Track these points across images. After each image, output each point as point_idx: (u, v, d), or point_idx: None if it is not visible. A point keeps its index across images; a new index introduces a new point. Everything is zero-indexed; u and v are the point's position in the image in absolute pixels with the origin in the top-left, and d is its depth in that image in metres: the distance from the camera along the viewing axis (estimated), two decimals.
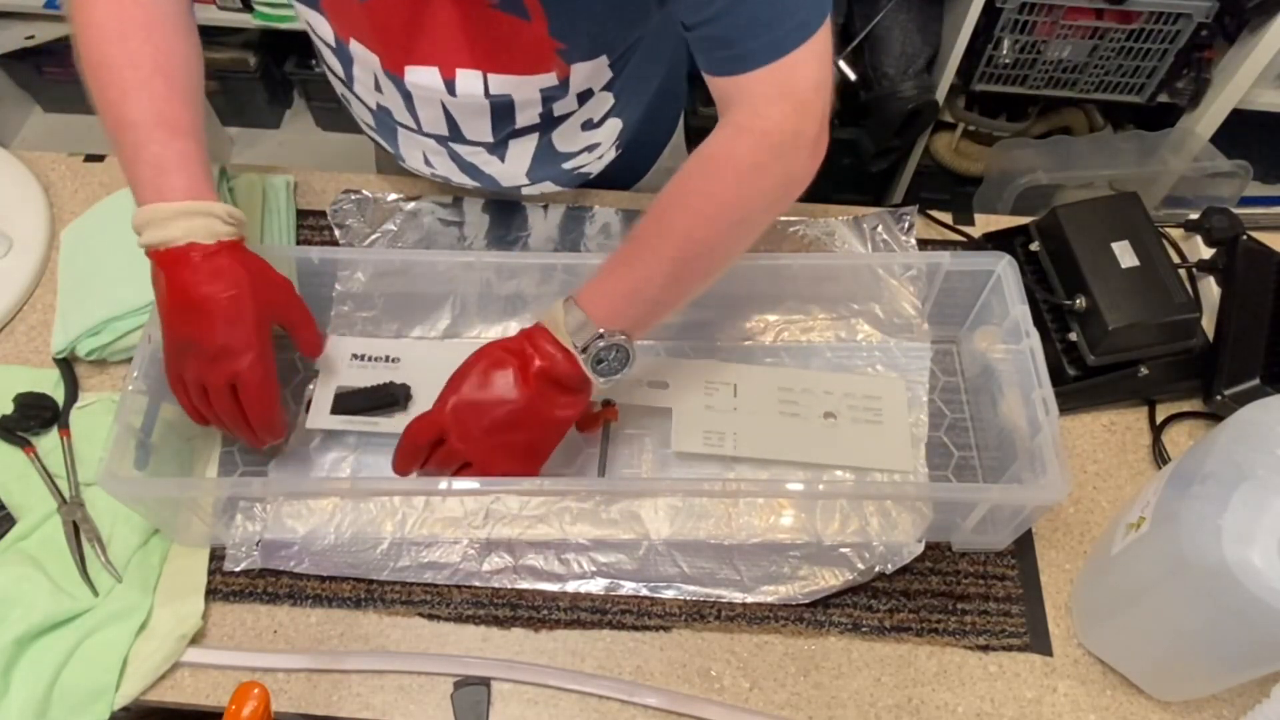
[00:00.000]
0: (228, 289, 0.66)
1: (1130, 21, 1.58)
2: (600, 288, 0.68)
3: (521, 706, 0.71)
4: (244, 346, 0.67)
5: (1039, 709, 0.71)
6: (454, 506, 0.78)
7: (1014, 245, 0.88)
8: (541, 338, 0.67)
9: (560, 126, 0.81)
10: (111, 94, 0.67)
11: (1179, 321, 0.80)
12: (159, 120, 0.67)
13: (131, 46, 0.67)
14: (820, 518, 0.77)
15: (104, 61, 0.67)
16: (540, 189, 0.90)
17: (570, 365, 0.67)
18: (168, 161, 0.66)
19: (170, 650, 0.71)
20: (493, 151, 0.82)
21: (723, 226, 0.67)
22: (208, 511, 0.75)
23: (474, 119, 0.77)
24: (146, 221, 0.66)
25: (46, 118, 2.25)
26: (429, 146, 0.83)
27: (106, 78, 0.67)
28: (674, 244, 0.67)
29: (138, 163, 0.66)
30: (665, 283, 0.67)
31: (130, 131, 0.66)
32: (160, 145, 0.66)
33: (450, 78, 0.72)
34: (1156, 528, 0.62)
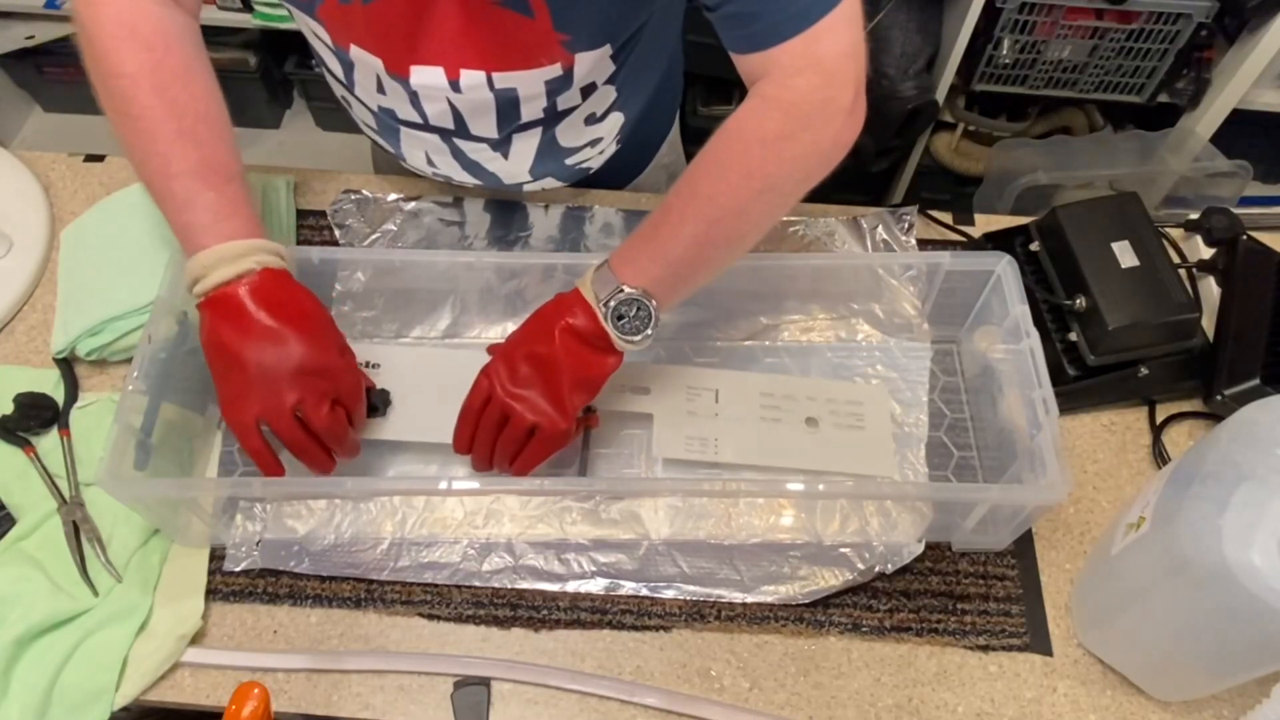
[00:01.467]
0: (309, 304, 0.68)
1: (1130, 21, 1.58)
2: (628, 249, 0.69)
3: (521, 706, 0.71)
4: (339, 353, 0.69)
5: (1039, 709, 0.71)
6: (454, 506, 0.78)
7: (1014, 245, 0.88)
8: (572, 298, 0.69)
9: (564, 121, 0.81)
10: (157, 145, 0.67)
11: (1179, 321, 0.80)
12: (210, 168, 0.67)
13: (171, 96, 0.67)
14: (820, 518, 0.77)
15: (144, 113, 0.66)
16: (542, 185, 0.90)
17: (590, 320, 0.68)
18: (223, 208, 0.67)
19: (170, 650, 0.71)
20: (497, 148, 0.82)
21: (749, 194, 0.67)
22: (208, 511, 0.75)
23: (480, 115, 0.78)
24: (216, 261, 0.65)
25: (46, 118, 2.26)
26: (432, 145, 0.83)
27: (148, 130, 0.67)
28: (699, 207, 0.67)
29: (192, 210, 0.66)
30: (691, 244, 0.68)
31: (180, 181, 0.67)
32: (215, 192, 0.67)
33: (455, 78, 0.72)
34: (1156, 528, 0.62)
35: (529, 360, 0.69)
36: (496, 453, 0.72)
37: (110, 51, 0.67)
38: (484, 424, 0.71)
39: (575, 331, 0.68)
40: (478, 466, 0.74)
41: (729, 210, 0.67)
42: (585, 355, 0.69)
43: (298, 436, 0.67)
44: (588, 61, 0.74)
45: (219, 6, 1.86)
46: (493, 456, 0.72)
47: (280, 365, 0.65)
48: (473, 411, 0.71)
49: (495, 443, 0.71)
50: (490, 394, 0.70)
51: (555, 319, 0.69)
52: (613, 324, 0.68)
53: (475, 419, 0.71)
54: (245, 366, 0.65)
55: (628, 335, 0.68)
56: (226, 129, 0.70)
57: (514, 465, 0.72)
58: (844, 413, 0.80)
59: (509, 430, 0.70)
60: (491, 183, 0.88)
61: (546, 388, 0.69)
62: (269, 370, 0.65)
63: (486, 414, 0.71)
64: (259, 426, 0.67)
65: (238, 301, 0.65)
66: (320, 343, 0.67)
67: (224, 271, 0.65)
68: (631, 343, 0.68)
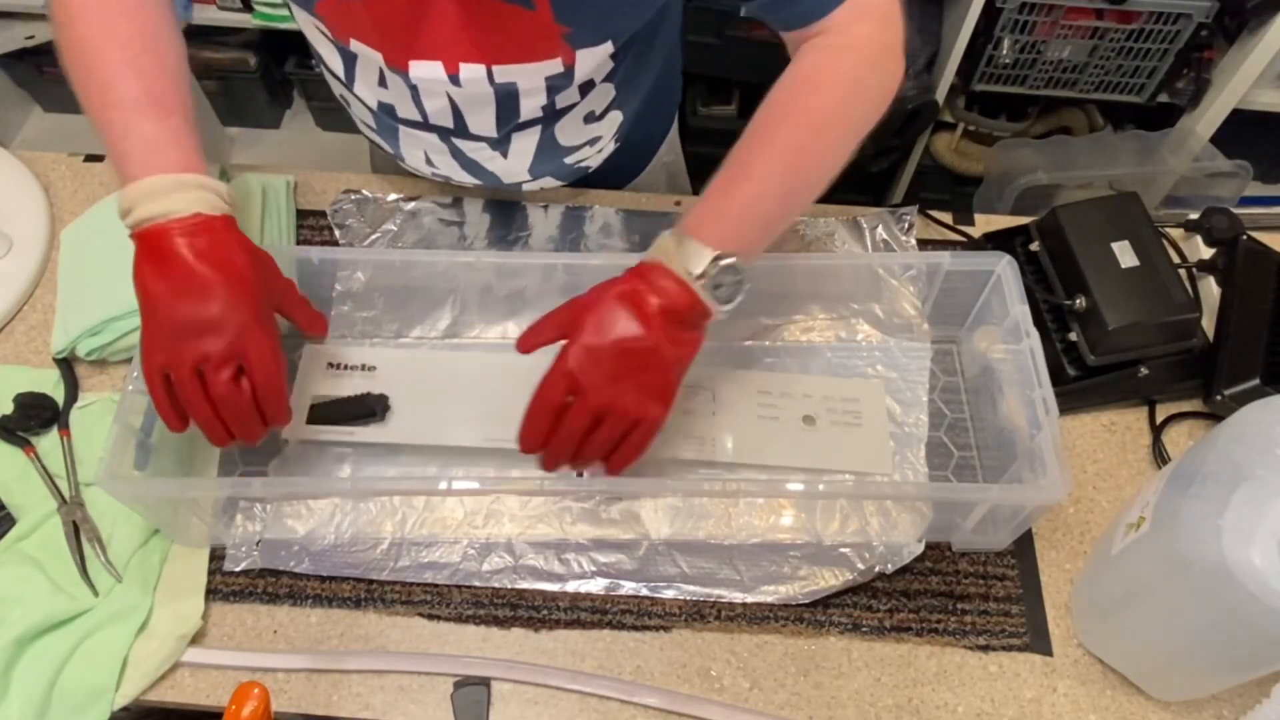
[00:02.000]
0: (238, 259, 0.64)
1: (1130, 21, 1.58)
2: (709, 213, 0.65)
3: (521, 706, 0.71)
4: (256, 320, 0.64)
5: (1039, 709, 0.71)
6: (454, 506, 0.78)
7: (1014, 245, 0.88)
8: (654, 273, 0.64)
9: (563, 120, 0.81)
10: (99, 74, 0.65)
11: (1179, 321, 0.80)
12: (150, 99, 0.65)
13: (117, 26, 0.66)
14: (820, 518, 0.77)
15: (88, 43, 0.66)
16: (540, 184, 0.90)
17: (689, 297, 0.63)
18: (161, 138, 0.64)
19: (170, 650, 0.71)
20: (496, 147, 0.82)
21: (831, 138, 0.67)
22: (208, 511, 0.75)
23: (479, 111, 0.77)
24: (144, 194, 0.62)
25: (46, 118, 2.26)
26: (431, 144, 0.83)
27: (93, 59, 0.65)
28: (782, 158, 0.66)
29: (128, 139, 0.64)
30: (777, 197, 0.66)
31: (119, 110, 0.64)
32: (153, 122, 0.64)
33: (454, 72, 0.72)
34: (1156, 528, 0.62)
35: (621, 351, 0.63)
36: (585, 451, 0.66)
37: None
38: (571, 423, 0.64)
39: (670, 312, 0.63)
40: (550, 465, 0.67)
41: (813, 157, 0.67)
42: (681, 335, 0.64)
43: (192, 397, 0.64)
44: (589, 59, 0.73)
45: (219, 6, 1.86)
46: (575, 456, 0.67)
47: (187, 318, 0.62)
48: (550, 408, 0.64)
49: (581, 442, 0.65)
50: (576, 390, 0.64)
51: (642, 300, 0.63)
52: (711, 295, 0.64)
53: (553, 416, 0.65)
54: (156, 311, 0.63)
55: (724, 304, 0.64)
56: (175, 63, 0.68)
57: (610, 462, 0.66)
58: (840, 409, 0.80)
59: (607, 429, 0.64)
60: (491, 182, 0.88)
61: (647, 377, 0.64)
62: (176, 320, 0.62)
63: (574, 412, 0.64)
64: (164, 376, 0.64)
65: (159, 243, 0.62)
66: (237, 301, 0.62)
67: (149, 207, 0.62)
68: (726, 311, 0.65)
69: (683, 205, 0.97)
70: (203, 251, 0.62)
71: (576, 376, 0.64)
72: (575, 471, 0.69)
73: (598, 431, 0.65)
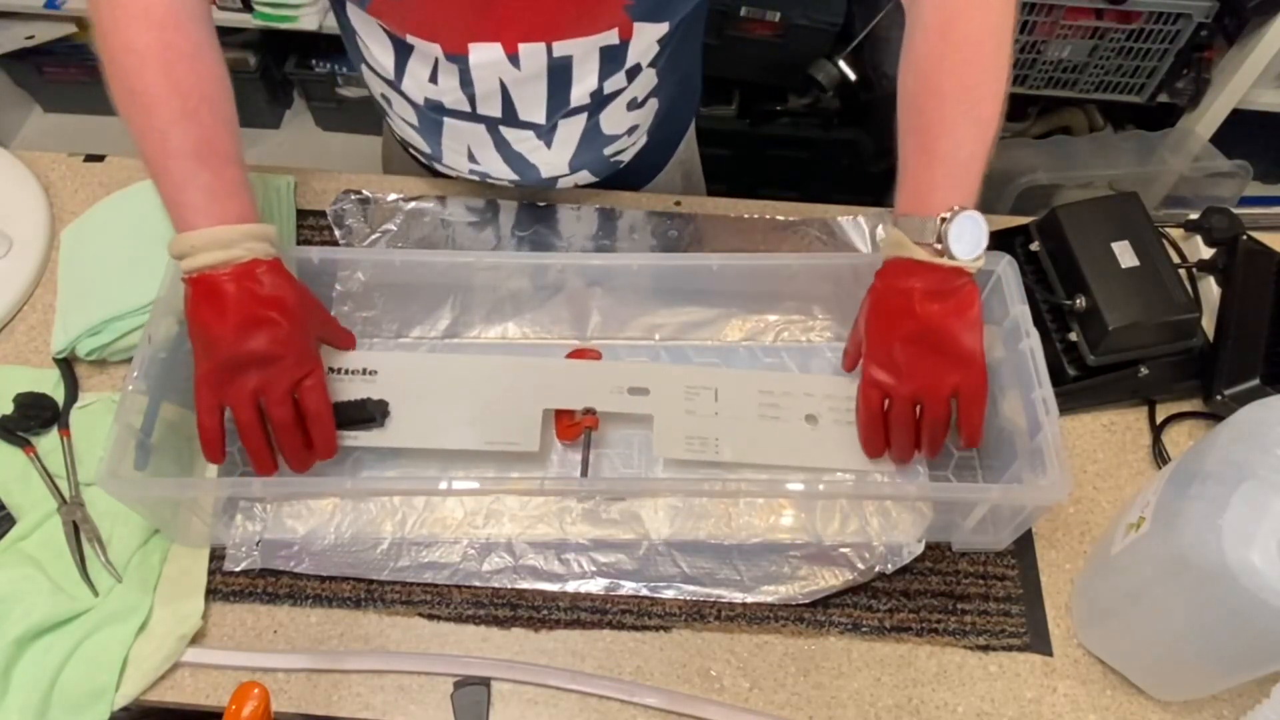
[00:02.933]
0: (294, 299, 0.69)
1: (1130, 21, 1.58)
2: (914, 188, 0.69)
3: (521, 706, 0.71)
4: (309, 353, 0.70)
5: (1039, 709, 0.71)
6: (454, 506, 0.78)
7: (1014, 245, 0.88)
8: (896, 268, 0.69)
9: (609, 106, 0.82)
10: (157, 123, 0.67)
11: (1179, 321, 0.80)
12: (209, 150, 0.68)
13: (177, 76, 0.67)
14: (820, 518, 0.77)
15: (147, 90, 0.67)
16: (575, 180, 0.90)
17: (937, 270, 0.67)
18: (221, 189, 0.68)
19: (170, 650, 0.71)
20: (542, 136, 0.83)
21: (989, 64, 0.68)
22: (208, 511, 0.75)
23: (531, 96, 0.78)
24: (205, 243, 0.66)
25: (46, 118, 2.26)
26: (476, 137, 0.83)
27: (151, 107, 0.67)
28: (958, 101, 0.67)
29: (188, 189, 0.67)
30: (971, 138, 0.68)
31: (178, 160, 0.67)
32: (212, 174, 0.68)
33: (513, 52, 0.73)
34: (1156, 528, 0.62)
35: (905, 345, 0.70)
36: (927, 437, 0.72)
37: (122, 28, 0.67)
38: (897, 424, 0.72)
39: (927, 293, 0.68)
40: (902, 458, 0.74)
41: (982, 86, 0.68)
42: (949, 305, 0.68)
43: (252, 427, 0.69)
44: (643, 37, 0.75)
45: (219, 6, 1.86)
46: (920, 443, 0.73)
47: (249, 354, 0.67)
48: (876, 418, 0.73)
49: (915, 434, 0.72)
50: (888, 394, 0.71)
51: (897, 295, 0.69)
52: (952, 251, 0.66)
53: (879, 421, 0.73)
54: (217, 350, 0.67)
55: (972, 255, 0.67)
56: (230, 114, 0.70)
57: (964, 435, 0.71)
58: (843, 408, 0.80)
59: (930, 412, 0.70)
60: (529, 177, 0.88)
61: (941, 351, 0.69)
62: (239, 357, 0.67)
63: (896, 410, 0.72)
64: (221, 410, 0.69)
65: (218, 286, 0.66)
66: (292, 335, 0.68)
67: (211, 256, 0.66)
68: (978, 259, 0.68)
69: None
70: (259, 295, 0.67)
71: (880, 382, 0.72)
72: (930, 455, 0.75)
73: (924, 415, 0.71)
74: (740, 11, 1.64)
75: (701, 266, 0.83)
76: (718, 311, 0.87)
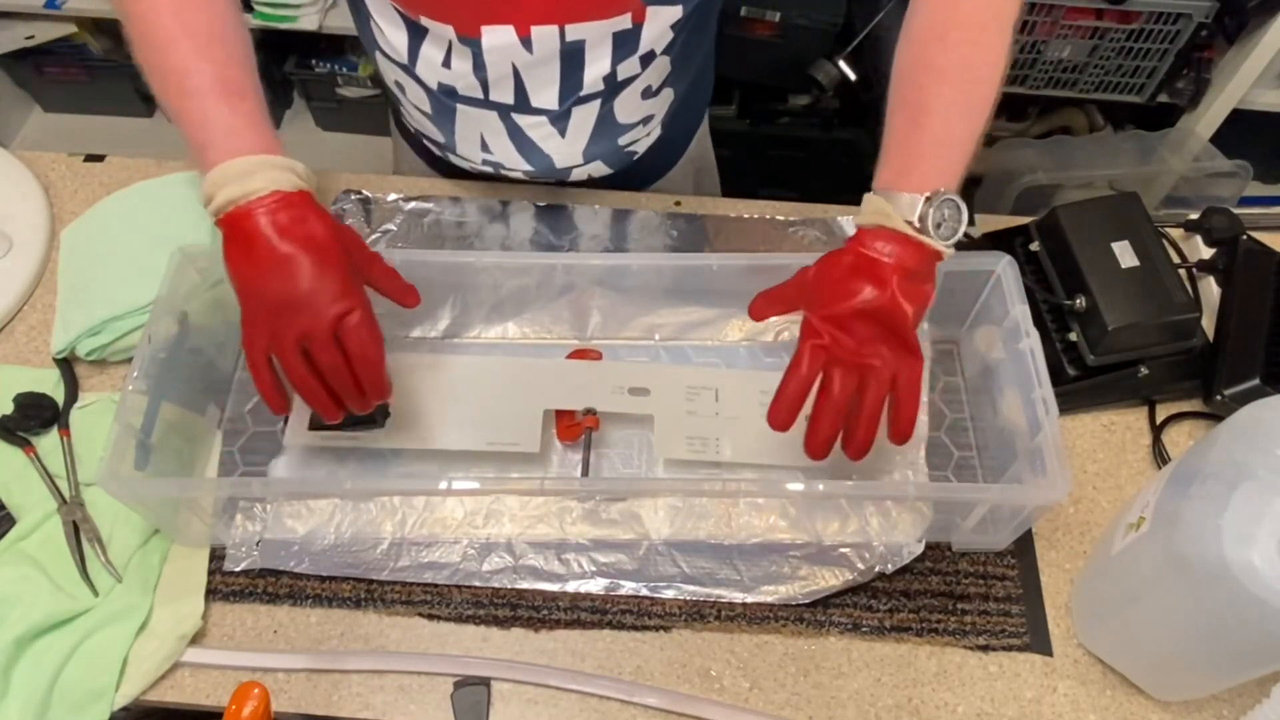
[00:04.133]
0: (319, 232, 0.64)
1: (1130, 21, 1.58)
2: (902, 161, 0.67)
3: (521, 706, 0.71)
4: (346, 290, 0.64)
5: (1039, 709, 0.71)
6: (454, 506, 0.78)
7: (1014, 245, 0.88)
8: (877, 236, 0.65)
9: (623, 93, 0.82)
10: (172, 63, 0.66)
11: (1179, 321, 0.80)
12: (224, 87, 0.66)
13: (187, 17, 0.66)
14: (820, 518, 0.77)
15: (160, 34, 0.66)
16: (589, 170, 0.90)
17: (917, 247, 0.64)
18: (238, 123, 0.65)
19: (170, 650, 0.71)
20: (555, 123, 0.82)
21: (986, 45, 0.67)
22: (208, 511, 0.75)
23: (543, 81, 0.78)
24: (225, 178, 0.63)
25: (46, 118, 2.26)
26: (489, 124, 0.83)
27: (166, 49, 0.66)
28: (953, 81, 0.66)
29: (205, 127, 0.65)
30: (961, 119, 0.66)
31: (194, 99, 0.65)
32: (229, 109, 0.66)
33: (526, 35, 0.73)
34: (1156, 528, 0.62)
35: (866, 315, 0.64)
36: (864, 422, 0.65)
37: None
38: (835, 394, 0.65)
39: (902, 269, 0.64)
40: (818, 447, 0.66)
41: (977, 67, 0.67)
42: (915, 289, 0.65)
43: (301, 374, 0.64)
44: (656, 21, 0.74)
45: None
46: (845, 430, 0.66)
47: (281, 296, 0.63)
48: (804, 381, 0.65)
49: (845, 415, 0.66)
50: (832, 360, 0.65)
51: (874, 263, 0.64)
52: (934, 234, 0.64)
53: (806, 390, 0.65)
54: (251, 295, 0.64)
55: (949, 240, 0.65)
56: (244, 50, 0.69)
57: (896, 429, 0.66)
58: None
59: (873, 393, 0.64)
60: (542, 167, 0.88)
61: (894, 335, 0.65)
62: (271, 300, 0.63)
63: (837, 382, 0.65)
64: (269, 359, 0.65)
65: (243, 225, 0.63)
66: (324, 274, 0.63)
67: (231, 190, 0.63)
68: (955, 239, 0.65)
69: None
70: (284, 228, 0.63)
71: (829, 348, 0.65)
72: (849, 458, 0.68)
73: (864, 398, 0.65)
74: (740, 11, 1.64)
75: (701, 266, 0.83)
76: (718, 311, 0.87)
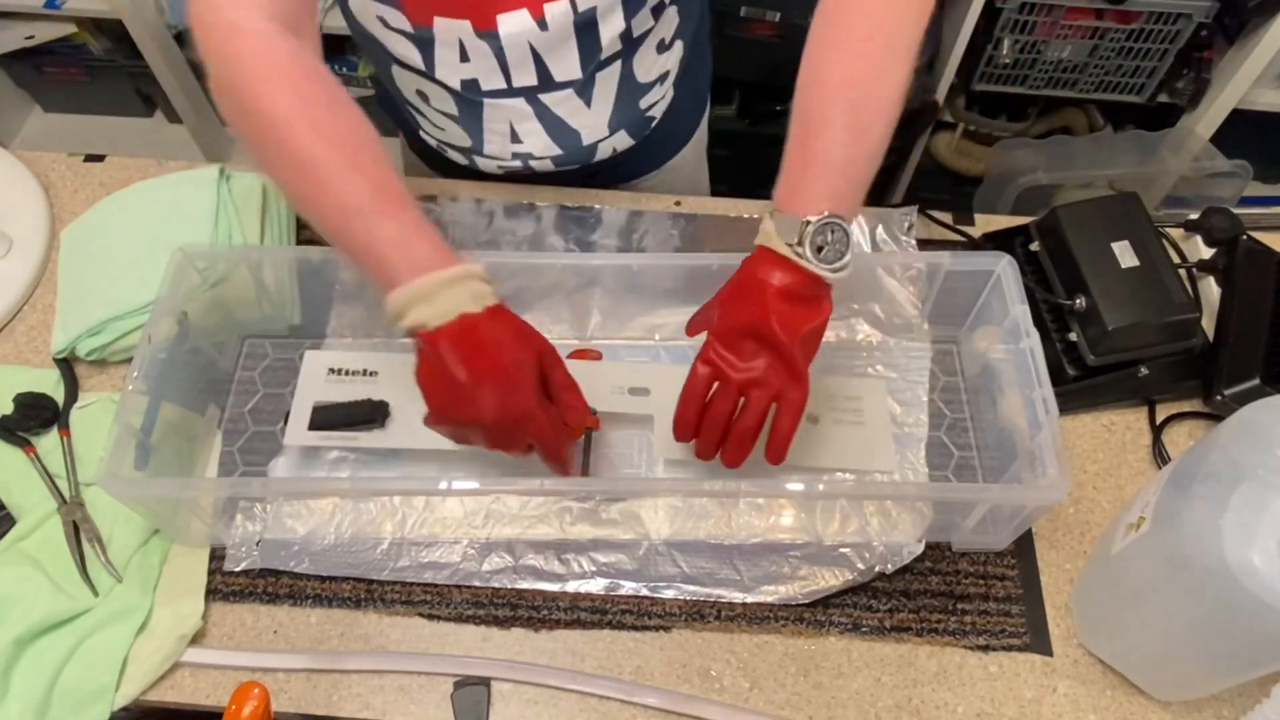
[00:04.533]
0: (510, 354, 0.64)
1: (1130, 21, 1.58)
2: (788, 181, 0.66)
3: (521, 706, 0.71)
4: (526, 413, 0.64)
5: (1039, 709, 0.71)
6: (454, 506, 0.78)
7: (1014, 245, 0.89)
8: (761, 257, 0.66)
9: (639, 50, 0.83)
10: (325, 181, 0.63)
11: (1179, 321, 0.80)
12: (383, 197, 0.63)
13: (327, 132, 0.63)
14: (820, 518, 0.77)
15: (305, 154, 0.63)
16: (614, 143, 0.90)
17: (796, 270, 0.64)
18: (406, 235, 0.63)
19: (170, 650, 0.71)
20: (581, 93, 0.83)
21: (878, 55, 0.65)
22: (208, 511, 0.75)
23: (563, 54, 0.78)
24: (410, 301, 0.62)
25: (46, 118, 2.25)
26: (517, 112, 0.83)
27: (312, 168, 0.63)
28: (837, 96, 0.64)
29: (376, 244, 0.63)
30: (846, 139, 0.64)
31: (357, 218, 0.63)
32: (394, 220, 0.63)
33: (540, 15, 0.74)
34: (1156, 528, 0.62)
35: (747, 334, 0.66)
36: (735, 437, 0.67)
37: (261, 95, 0.63)
38: (716, 409, 0.67)
39: (784, 290, 0.64)
40: (704, 451, 0.69)
41: (866, 82, 0.64)
42: (800, 311, 0.65)
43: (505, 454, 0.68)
44: None
45: None
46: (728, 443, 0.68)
47: (476, 420, 0.64)
48: (697, 397, 0.68)
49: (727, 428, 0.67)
50: (717, 378, 0.67)
51: (755, 284, 0.65)
52: (814, 259, 0.63)
53: (699, 403, 0.68)
54: (441, 411, 0.66)
55: (834, 265, 0.64)
56: (384, 151, 0.66)
57: (770, 446, 0.67)
58: (843, 408, 0.80)
59: (750, 410, 0.66)
60: (570, 146, 0.88)
61: (778, 356, 0.65)
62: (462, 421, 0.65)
63: (718, 397, 0.67)
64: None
65: (434, 349, 0.63)
66: (505, 399, 0.64)
67: (418, 314, 0.62)
68: (839, 270, 0.64)
69: (683, 203, 0.97)
70: (469, 356, 0.63)
71: (715, 363, 0.67)
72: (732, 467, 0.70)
73: (743, 413, 0.67)
74: (740, 11, 1.64)
75: (701, 266, 0.83)
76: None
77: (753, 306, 0.65)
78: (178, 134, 2.13)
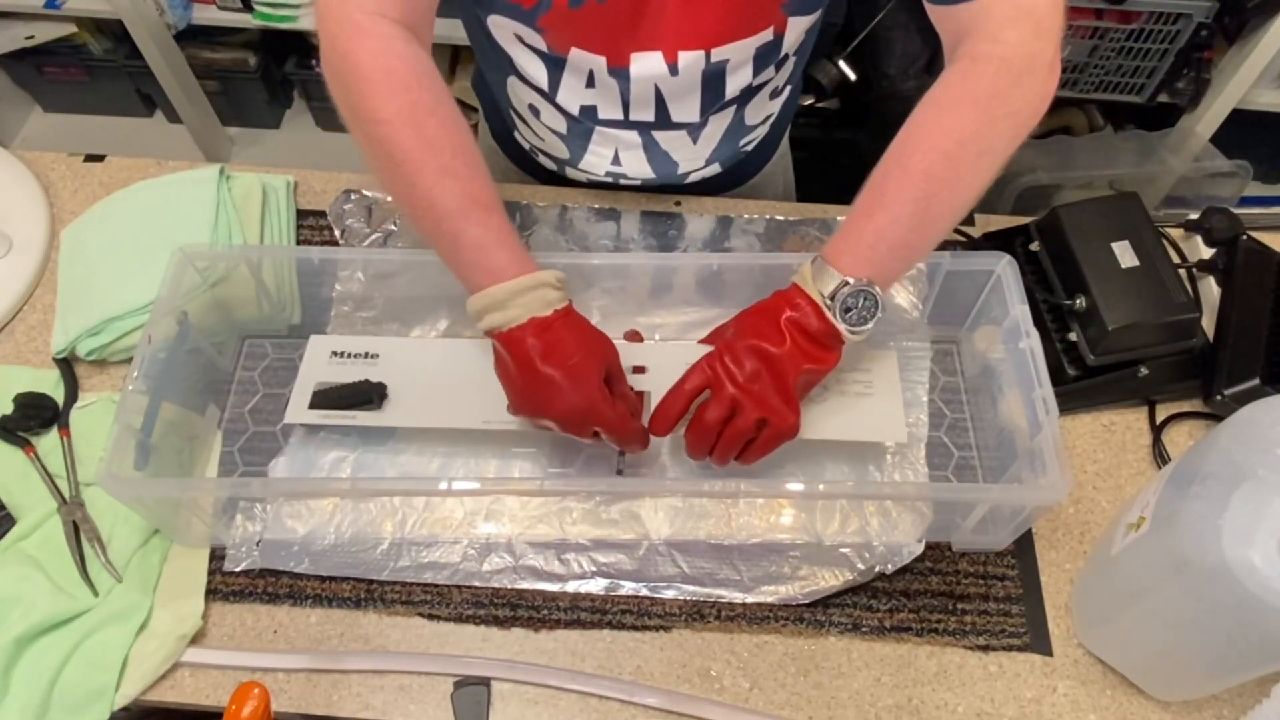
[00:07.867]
0: (577, 356, 0.68)
1: (1130, 21, 1.58)
2: (845, 240, 0.68)
3: (521, 706, 0.71)
4: (591, 407, 0.68)
5: (1039, 709, 0.71)
6: (454, 506, 0.78)
7: (1014, 245, 0.88)
8: (793, 293, 0.69)
9: (755, 97, 0.83)
10: (421, 182, 0.67)
11: (1179, 321, 0.80)
12: (471, 202, 0.67)
13: (428, 133, 0.66)
14: (820, 518, 0.77)
15: (405, 155, 0.66)
16: (705, 173, 0.91)
17: (819, 316, 0.67)
18: (488, 241, 0.68)
19: (170, 650, 0.71)
20: (693, 134, 0.84)
21: (965, 161, 0.66)
22: (208, 511, 0.75)
23: (685, 99, 0.79)
24: (488, 305, 0.67)
25: (46, 118, 2.26)
26: (626, 141, 0.84)
27: (411, 168, 0.66)
28: (915, 185, 0.66)
29: (460, 248, 0.68)
30: (910, 225, 0.66)
31: (447, 220, 0.67)
32: (478, 226, 0.67)
33: (673, 61, 0.74)
34: (1156, 528, 0.62)
35: (756, 355, 0.68)
36: (721, 444, 0.70)
37: (369, 96, 0.66)
38: (709, 414, 0.69)
39: (803, 328, 0.68)
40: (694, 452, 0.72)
41: (946, 183, 0.66)
42: (812, 351, 0.69)
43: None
44: (796, 28, 0.75)
45: (219, 6, 1.86)
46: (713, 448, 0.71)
47: (539, 412, 0.69)
48: (685, 394, 0.70)
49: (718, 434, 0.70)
50: (714, 384, 0.69)
51: (779, 314, 0.69)
52: (840, 317, 0.67)
53: (686, 402, 0.70)
54: (521, 402, 0.70)
55: (855, 326, 0.67)
56: (480, 160, 0.70)
57: (742, 457, 0.70)
58: (850, 380, 0.79)
59: (737, 424, 0.68)
60: (665, 174, 0.89)
61: (776, 383, 0.68)
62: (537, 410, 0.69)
63: (712, 404, 0.69)
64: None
65: (509, 350, 0.68)
66: (574, 396, 0.67)
67: (494, 318, 0.67)
68: (859, 333, 0.68)
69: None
70: (542, 357, 0.67)
71: (716, 371, 0.69)
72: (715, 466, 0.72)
73: (731, 425, 0.69)
74: None
75: (701, 266, 0.83)
76: (718, 311, 0.87)
77: (769, 329, 0.68)
78: (178, 134, 2.13)
